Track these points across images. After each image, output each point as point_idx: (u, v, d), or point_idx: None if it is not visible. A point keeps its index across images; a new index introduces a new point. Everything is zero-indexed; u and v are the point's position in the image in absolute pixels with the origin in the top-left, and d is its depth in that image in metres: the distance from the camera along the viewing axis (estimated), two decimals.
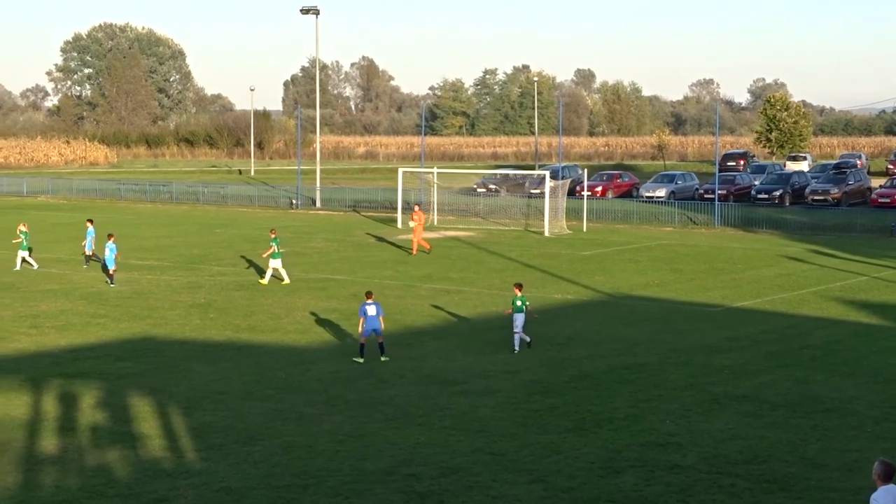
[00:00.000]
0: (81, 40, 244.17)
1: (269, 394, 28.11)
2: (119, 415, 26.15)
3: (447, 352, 33.11)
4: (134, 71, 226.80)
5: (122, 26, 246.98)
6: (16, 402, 27.23)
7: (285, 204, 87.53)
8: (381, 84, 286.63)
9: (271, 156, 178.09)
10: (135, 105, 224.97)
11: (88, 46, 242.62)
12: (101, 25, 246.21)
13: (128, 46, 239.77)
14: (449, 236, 64.15)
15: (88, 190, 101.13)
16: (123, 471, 22.03)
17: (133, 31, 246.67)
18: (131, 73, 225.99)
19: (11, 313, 39.16)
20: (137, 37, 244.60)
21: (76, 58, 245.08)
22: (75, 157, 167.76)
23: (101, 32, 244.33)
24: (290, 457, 22.77)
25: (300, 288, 44.75)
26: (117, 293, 43.51)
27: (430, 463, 22.34)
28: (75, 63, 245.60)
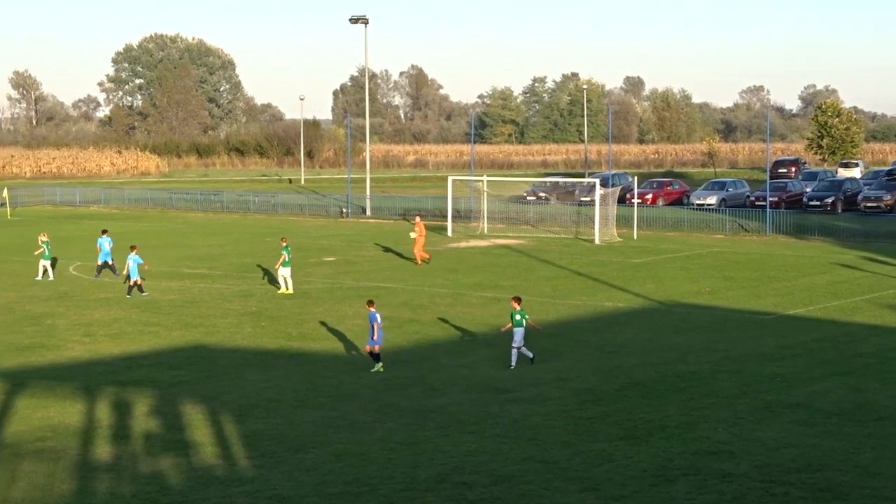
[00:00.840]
0: (132, 51, 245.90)
1: (322, 402, 28.20)
2: (172, 422, 26.30)
3: (498, 360, 33.06)
4: (184, 81, 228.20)
5: (172, 37, 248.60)
6: (70, 409, 27.44)
7: (335, 213, 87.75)
8: (430, 93, 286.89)
9: (321, 164, 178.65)
10: (185, 115, 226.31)
11: (139, 57, 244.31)
12: (151, 36, 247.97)
13: (178, 57, 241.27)
14: (499, 244, 64.12)
15: (140, 199, 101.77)
16: (177, 478, 22.15)
17: (183, 41, 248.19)
18: (182, 83, 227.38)
19: (66, 322, 39.48)
20: (188, 47, 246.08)
21: (127, 68, 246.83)
22: (127, 166, 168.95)
23: (151, 43, 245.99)
24: (342, 464, 22.82)
25: (351, 296, 44.85)
26: (169, 302, 43.75)
27: (482, 471, 22.33)
28: (126, 74, 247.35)
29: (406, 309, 41.76)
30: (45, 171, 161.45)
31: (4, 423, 26.28)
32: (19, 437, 25.06)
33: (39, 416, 26.86)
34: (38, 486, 21.63)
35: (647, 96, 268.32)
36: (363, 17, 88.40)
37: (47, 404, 27.93)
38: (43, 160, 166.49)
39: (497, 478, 21.91)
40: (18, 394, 29.01)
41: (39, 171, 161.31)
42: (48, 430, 25.64)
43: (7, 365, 32.67)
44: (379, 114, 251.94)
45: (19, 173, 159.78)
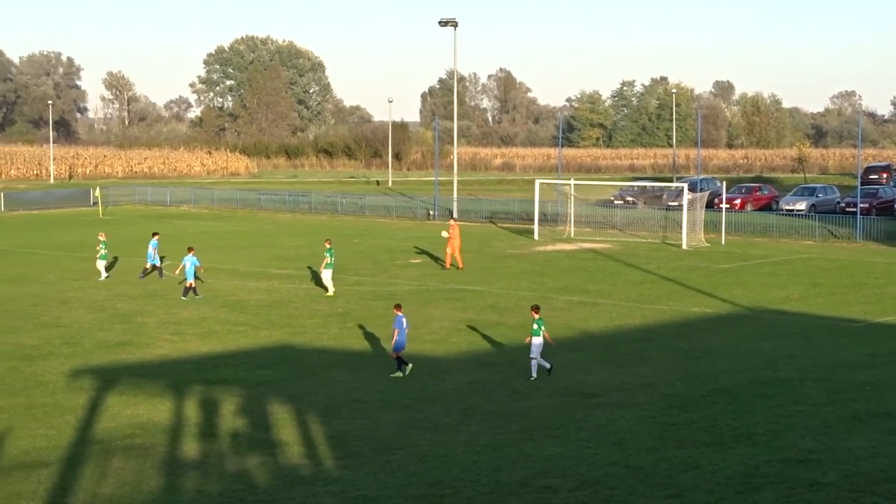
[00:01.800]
0: (224, 53, 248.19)
1: (407, 403, 28.30)
2: (259, 421, 26.53)
3: (583, 364, 33.00)
4: (274, 83, 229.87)
5: (263, 39, 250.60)
6: (159, 407, 27.77)
7: (422, 215, 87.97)
8: (518, 96, 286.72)
9: (409, 167, 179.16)
10: (275, 116, 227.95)
11: (230, 59, 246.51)
12: (242, 38, 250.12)
13: (269, 59, 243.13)
14: (585, 248, 63.94)
15: (229, 200, 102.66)
16: (263, 477, 22.35)
17: (274, 43, 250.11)
18: (272, 84, 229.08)
19: (155, 320, 39.96)
20: (278, 49, 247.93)
21: (218, 70, 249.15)
22: (217, 167, 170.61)
23: (242, 45, 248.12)
24: (426, 466, 22.90)
25: (437, 298, 44.95)
26: (257, 302, 44.11)
27: (566, 475, 22.29)
28: (217, 75, 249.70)
29: (492, 312, 41.78)
30: (137, 171, 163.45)
31: (95, 419, 26.66)
32: (109, 433, 25.41)
33: (129, 413, 27.22)
34: (127, 482, 21.92)
35: (736, 101, 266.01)
36: (452, 20, 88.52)
37: (136, 401, 28.29)
38: (135, 160, 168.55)
39: (581, 482, 21.87)
40: (108, 391, 29.41)
41: (131, 171, 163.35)
42: (137, 427, 25.97)
43: (98, 362, 33.13)
44: (467, 116, 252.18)
45: (111, 173, 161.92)
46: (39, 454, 23.75)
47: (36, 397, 28.77)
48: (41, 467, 22.78)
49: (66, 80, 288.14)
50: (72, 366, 32.50)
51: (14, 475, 22.23)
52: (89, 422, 26.44)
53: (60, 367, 32.25)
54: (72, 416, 26.87)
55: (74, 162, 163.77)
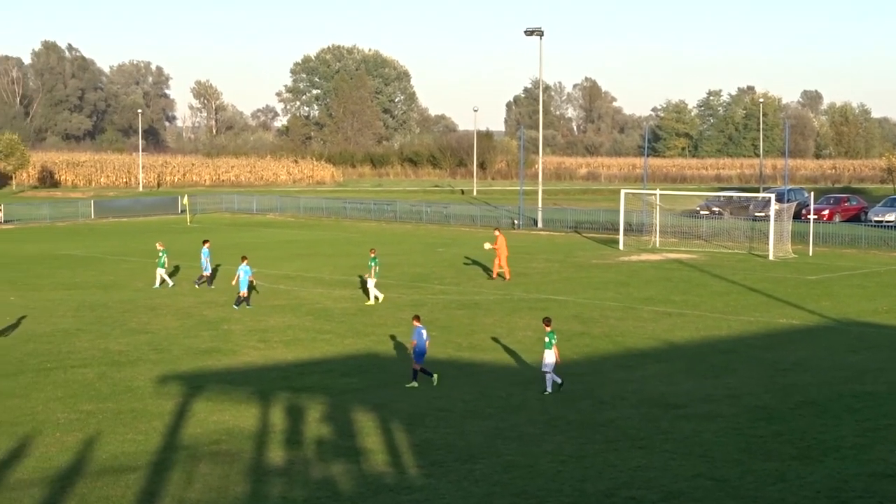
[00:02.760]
0: (310, 62, 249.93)
1: (490, 412, 28.29)
2: (343, 429, 26.65)
3: (669, 375, 32.82)
4: (360, 92, 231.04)
5: (349, 48, 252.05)
6: (245, 413, 27.99)
7: (507, 224, 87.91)
8: (603, 105, 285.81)
9: (493, 176, 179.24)
10: (360, 125, 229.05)
11: (317, 68, 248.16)
12: (329, 47, 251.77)
13: (354, 68, 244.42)
14: (671, 258, 63.58)
15: (315, 208, 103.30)
16: (347, 484, 22.43)
17: (360, 52, 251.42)
18: (358, 93, 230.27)
19: (241, 328, 40.29)
20: (364, 58, 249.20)
21: (305, 79, 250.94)
22: (303, 175, 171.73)
23: (329, 54, 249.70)
24: (510, 476, 22.87)
25: (522, 308, 44.92)
26: (342, 310, 44.31)
27: (651, 487, 22.17)
28: (304, 84, 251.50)
29: (576, 322, 41.67)
30: (224, 179, 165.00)
31: (182, 425, 26.93)
32: (196, 439, 25.66)
33: (215, 419, 27.47)
34: (213, 487, 22.11)
35: (824, 110, 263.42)
36: (538, 30, 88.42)
37: (223, 408, 28.54)
38: (222, 168, 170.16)
39: (666, 494, 21.74)
40: (196, 397, 29.70)
41: (218, 179, 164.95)
42: (223, 433, 26.20)
43: (185, 368, 33.47)
44: (552, 126, 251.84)
45: (199, 181, 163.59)
46: (127, 459, 24.03)
47: (124, 403, 29.12)
48: (129, 472, 23.05)
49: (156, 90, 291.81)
50: (159, 372, 32.86)
51: (103, 479, 22.51)
52: (176, 427, 26.71)
53: (148, 373, 32.62)
54: (159, 422, 27.16)
55: (163, 170, 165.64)
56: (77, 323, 41.41)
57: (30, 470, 23.24)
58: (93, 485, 22.19)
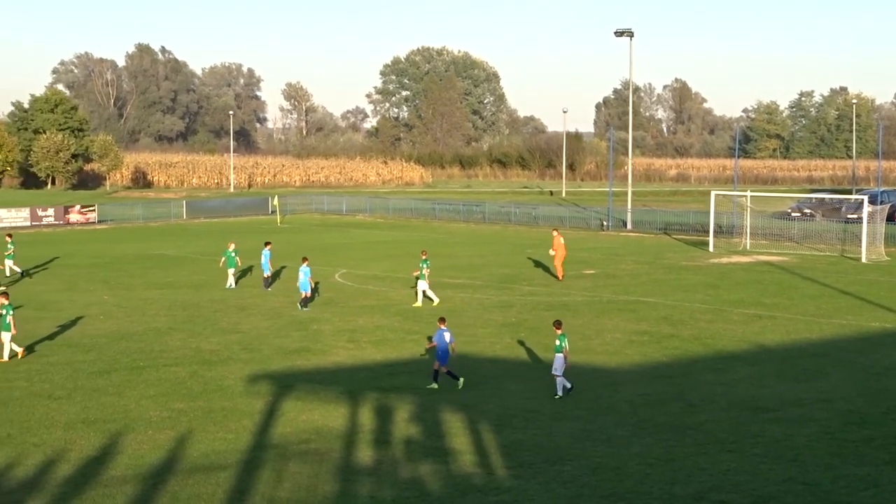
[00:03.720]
0: (400, 64, 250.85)
1: (579, 414, 28.21)
2: (432, 429, 26.70)
3: (759, 378, 32.52)
4: (449, 93, 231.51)
5: (438, 50, 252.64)
6: (334, 413, 28.14)
7: (596, 225, 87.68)
8: (693, 106, 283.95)
9: (582, 177, 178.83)
10: (450, 127, 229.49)
11: (406, 70, 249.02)
12: (418, 49, 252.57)
13: (444, 69, 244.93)
14: (762, 261, 63.00)
15: (404, 209, 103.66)
16: (435, 484, 22.48)
17: (449, 54, 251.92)
18: (447, 95, 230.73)
19: (331, 328, 40.51)
20: (453, 60, 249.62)
21: (394, 81, 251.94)
22: (392, 176, 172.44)
23: (418, 56, 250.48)
24: (598, 478, 22.79)
25: (610, 309, 44.74)
26: (430, 311, 44.38)
27: (741, 491, 21.98)
28: (394, 86, 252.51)
29: (666, 324, 41.42)
30: (314, 180, 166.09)
31: (271, 424, 27.14)
32: (285, 438, 25.84)
33: (304, 418, 27.65)
34: (303, 486, 22.25)
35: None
36: (628, 31, 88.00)
37: (312, 407, 28.72)
38: (312, 169, 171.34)
39: (756, 498, 21.55)
40: (285, 396, 29.92)
41: (308, 180, 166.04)
42: (313, 432, 26.36)
43: (275, 368, 33.73)
44: (641, 127, 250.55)
45: (289, 182, 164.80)
46: (218, 457, 24.27)
47: (215, 401, 29.41)
48: (220, 470, 23.27)
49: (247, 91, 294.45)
50: (250, 371, 33.14)
51: (194, 477, 22.75)
52: (266, 426, 26.92)
53: (239, 372, 32.91)
54: (249, 421, 27.39)
55: (254, 171, 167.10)
56: (169, 322, 41.91)
57: (122, 467, 23.55)
58: (184, 482, 22.44)
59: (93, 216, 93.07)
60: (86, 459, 24.11)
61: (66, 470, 23.33)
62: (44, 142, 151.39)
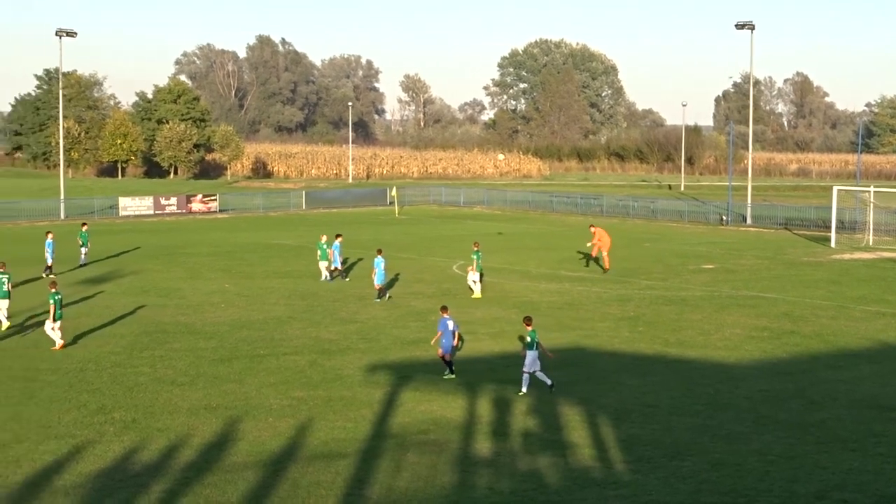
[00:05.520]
0: (518, 56, 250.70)
1: (698, 409, 27.99)
2: (549, 422, 26.67)
3: (882, 376, 32.01)
4: (567, 86, 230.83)
5: (556, 42, 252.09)
6: (452, 404, 28.23)
7: (715, 220, 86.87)
8: (815, 100, 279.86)
9: (701, 171, 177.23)
10: (567, 119, 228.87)
11: (524, 62, 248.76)
12: (536, 41, 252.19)
13: (562, 62, 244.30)
14: (885, 257, 61.94)
15: (521, 202, 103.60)
16: (553, 477, 22.45)
17: (567, 46, 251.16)
18: (565, 88, 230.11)
19: None
20: (571, 52, 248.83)
21: (512, 73, 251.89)
22: (509, 169, 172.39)
23: (536, 48, 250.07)
24: (718, 474, 22.59)
25: (730, 304, 44.31)
26: (548, 304, 44.34)
27: (864, 490, 21.65)
28: (511, 78, 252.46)
29: (786, 320, 40.92)
30: (432, 172, 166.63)
31: (390, 414, 27.31)
32: (404, 428, 25.99)
33: (423, 409, 27.78)
34: (421, 476, 22.36)
35: None
36: (749, 23, 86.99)
37: (430, 398, 28.84)
38: (429, 161, 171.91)
39: (880, 498, 21.22)
40: (404, 386, 30.09)
41: (426, 172, 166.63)
42: (431, 423, 26.48)
43: (393, 358, 33.92)
44: (761, 121, 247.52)
45: (407, 173, 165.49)
46: (338, 445, 24.48)
47: (335, 390, 29.66)
48: (339, 458, 23.47)
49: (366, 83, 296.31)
50: (368, 361, 33.37)
51: (314, 465, 22.98)
52: (385, 416, 27.10)
53: (357, 362, 33.16)
54: (368, 410, 27.59)
55: (372, 162, 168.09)
56: (289, 311, 42.34)
57: (243, 453, 23.86)
58: (304, 470, 22.66)
59: (214, 205, 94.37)
60: (208, 445, 24.48)
61: (189, 455, 23.70)
62: (167, 132, 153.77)
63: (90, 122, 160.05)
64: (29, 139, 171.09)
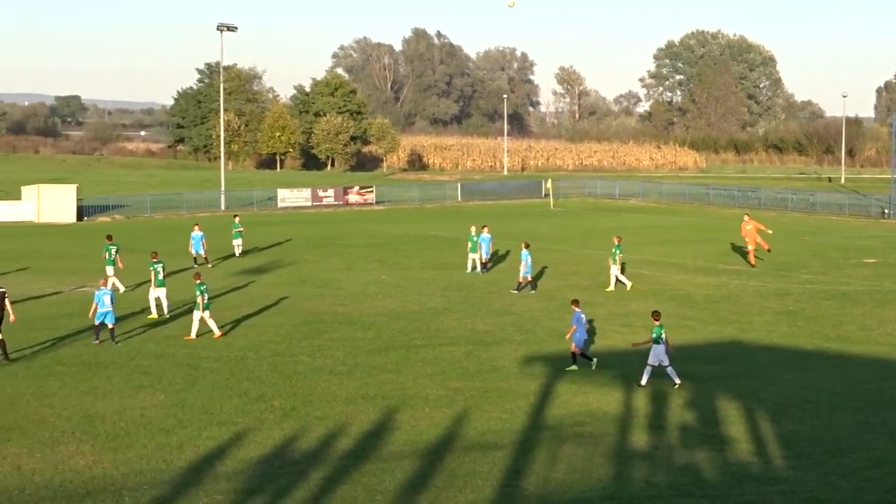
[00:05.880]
0: (674, 47, 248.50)
1: (859, 406, 27.47)
2: (707, 416, 26.42)
3: None
4: (724, 77, 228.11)
5: (713, 33, 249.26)
6: (608, 397, 28.13)
7: (877, 213, 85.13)
8: None
9: (862, 164, 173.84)
10: (724, 111, 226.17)
11: (680, 53, 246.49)
12: (693, 33, 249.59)
13: (719, 53, 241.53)
14: None
15: (677, 194, 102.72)
16: (711, 472, 22.24)
17: (724, 37, 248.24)
18: (721, 79, 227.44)
19: (604, 312, 40.47)
20: (728, 43, 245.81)
21: (668, 64, 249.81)
22: (665, 161, 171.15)
23: (693, 39, 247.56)
24: (881, 471, 22.15)
25: (892, 299, 43.40)
26: (705, 297, 43.90)
27: None
28: (667, 70, 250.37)
29: None
30: (587, 164, 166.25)
31: (546, 405, 27.31)
32: (559, 420, 25.96)
33: (579, 401, 27.72)
34: (577, 468, 22.32)
35: None
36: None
37: (586, 390, 28.77)
38: (584, 153, 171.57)
39: None
40: (559, 378, 30.07)
41: (580, 164, 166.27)
42: (587, 415, 26.41)
43: (549, 350, 33.87)
44: None
45: (562, 165, 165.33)
46: (493, 436, 24.55)
47: (490, 381, 29.75)
48: (495, 449, 23.54)
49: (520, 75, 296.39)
50: (524, 352, 33.41)
51: (470, 455, 23.08)
52: (540, 408, 27.11)
53: (513, 354, 33.22)
54: (524, 402, 27.62)
55: (527, 154, 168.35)
56: (445, 302, 42.58)
57: (401, 442, 24.07)
58: (461, 460, 22.78)
59: (370, 197, 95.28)
60: (365, 434, 24.74)
61: (347, 443, 23.98)
62: (324, 124, 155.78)
63: (249, 115, 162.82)
64: (190, 132, 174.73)
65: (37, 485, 21.16)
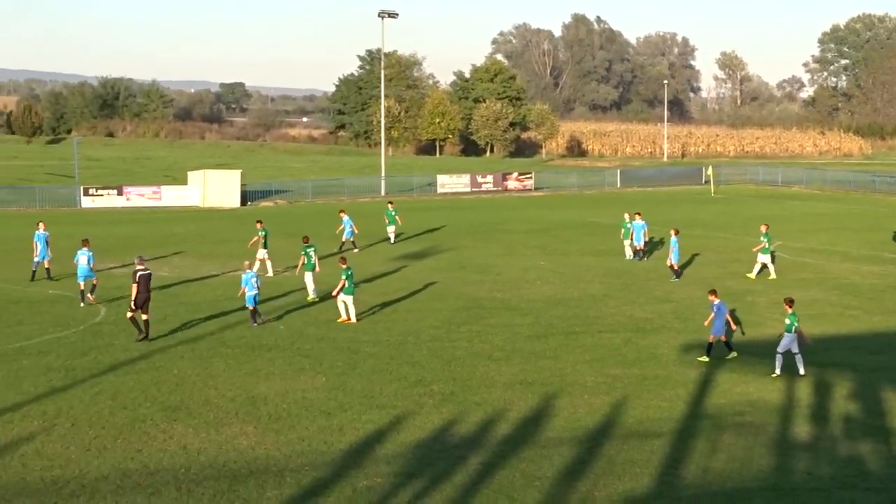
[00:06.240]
0: (839, 31, 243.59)
1: None
2: (872, 407, 25.90)
3: None
4: (892, 62, 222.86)
5: (880, 17, 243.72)
6: (769, 387, 27.75)
7: None
8: None
9: None
10: (891, 97, 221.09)
11: (846, 37, 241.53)
12: (859, 16, 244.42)
13: (886, 37, 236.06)
14: None
15: (841, 181, 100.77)
16: (875, 464, 21.83)
17: (892, 20, 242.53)
18: (889, 63, 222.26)
19: (765, 300, 39.91)
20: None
21: (833, 49, 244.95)
22: (829, 147, 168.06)
23: (859, 23, 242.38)
24: None
25: None
26: (870, 286, 43.03)
27: None
28: (832, 54, 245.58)
29: None
30: (748, 151, 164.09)
31: (705, 394, 27.05)
32: (720, 409, 25.69)
33: (739, 391, 27.39)
34: (737, 458, 22.07)
35: None
36: None
37: (747, 380, 28.42)
38: (746, 140, 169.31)
39: None
40: (719, 367, 29.74)
41: (742, 151, 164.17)
42: (747, 405, 26.09)
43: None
44: None
45: (723, 152, 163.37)
46: (652, 424, 24.40)
47: (649, 369, 29.57)
48: (654, 437, 23.40)
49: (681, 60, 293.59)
50: (683, 340, 33.12)
51: (629, 443, 22.98)
52: (700, 396, 26.86)
53: (672, 341, 32.95)
54: (683, 390, 27.40)
55: (687, 141, 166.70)
56: (604, 289, 42.39)
57: (559, 429, 24.06)
58: (619, 447, 22.69)
59: (529, 183, 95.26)
60: (523, 420, 24.78)
61: (505, 429, 24.05)
62: (483, 110, 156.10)
63: (410, 102, 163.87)
64: (351, 118, 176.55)
65: (202, 464, 21.63)
